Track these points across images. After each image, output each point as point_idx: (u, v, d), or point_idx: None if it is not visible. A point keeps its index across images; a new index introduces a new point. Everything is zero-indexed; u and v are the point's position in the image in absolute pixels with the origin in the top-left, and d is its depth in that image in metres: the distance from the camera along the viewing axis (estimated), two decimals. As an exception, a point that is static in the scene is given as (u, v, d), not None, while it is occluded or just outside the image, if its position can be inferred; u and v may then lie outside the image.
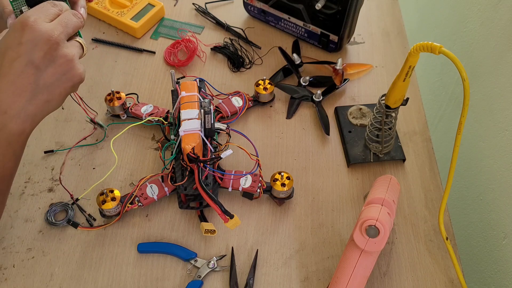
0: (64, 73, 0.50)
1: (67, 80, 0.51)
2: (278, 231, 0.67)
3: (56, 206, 0.66)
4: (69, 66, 0.51)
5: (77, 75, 0.52)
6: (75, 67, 0.51)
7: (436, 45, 0.53)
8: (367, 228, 0.54)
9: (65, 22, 0.51)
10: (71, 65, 0.51)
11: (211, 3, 0.93)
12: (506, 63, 0.71)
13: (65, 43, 0.51)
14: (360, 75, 0.84)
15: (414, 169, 0.73)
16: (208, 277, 0.62)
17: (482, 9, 0.80)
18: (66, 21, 0.51)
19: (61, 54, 0.50)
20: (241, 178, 0.65)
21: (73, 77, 0.51)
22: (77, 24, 0.53)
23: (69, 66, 0.51)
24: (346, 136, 0.75)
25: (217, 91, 0.77)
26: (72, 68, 0.51)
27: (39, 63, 0.48)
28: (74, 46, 0.52)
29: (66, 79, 0.51)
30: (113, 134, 0.74)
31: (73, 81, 0.52)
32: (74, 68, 0.51)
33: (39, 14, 0.49)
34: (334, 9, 0.78)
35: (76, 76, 0.52)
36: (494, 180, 0.74)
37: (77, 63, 0.52)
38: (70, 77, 0.51)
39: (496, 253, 0.73)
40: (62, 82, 0.51)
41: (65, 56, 0.50)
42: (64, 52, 0.50)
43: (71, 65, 0.51)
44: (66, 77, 0.51)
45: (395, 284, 0.63)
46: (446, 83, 0.94)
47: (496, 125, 0.74)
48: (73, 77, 0.51)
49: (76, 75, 0.52)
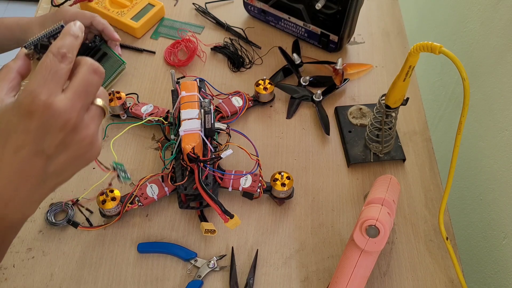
0: (80, 156, 0.41)
1: (83, 162, 0.42)
2: (278, 231, 0.67)
3: (56, 206, 0.66)
4: (87, 148, 0.41)
5: (95, 154, 0.42)
6: (94, 147, 0.41)
7: (436, 45, 0.53)
8: (367, 228, 0.54)
9: (84, 90, 0.40)
10: (90, 147, 0.41)
11: (211, 3, 0.93)
12: (506, 63, 0.71)
13: (84, 122, 0.40)
14: (360, 75, 0.84)
15: (414, 169, 0.73)
16: (208, 277, 0.62)
17: (482, 9, 0.80)
18: (85, 88, 0.40)
19: (79, 138, 0.40)
20: (241, 178, 0.65)
21: (90, 158, 0.42)
22: (99, 84, 0.42)
23: (87, 148, 0.41)
24: (346, 136, 0.75)
25: (217, 91, 0.77)
26: (90, 149, 0.41)
27: (51, 152, 0.39)
28: (95, 119, 0.41)
29: (82, 161, 0.42)
30: (113, 134, 0.74)
31: (89, 161, 0.42)
32: (93, 148, 0.41)
33: (50, 85, 0.38)
34: (334, 9, 0.78)
35: (94, 156, 0.42)
36: (494, 180, 0.74)
37: (96, 140, 0.41)
38: (87, 158, 0.42)
39: (496, 253, 0.73)
40: (77, 165, 0.42)
41: (83, 140, 0.40)
42: (82, 135, 0.40)
43: (89, 147, 0.41)
44: (82, 160, 0.42)
45: (395, 284, 0.63)
46: (446, 83, 0.94)
47: (496, 125, 0.74)
48: (90, 157, 0.42)
49: (94, 155, 0.42)
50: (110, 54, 0.80)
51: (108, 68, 0.80)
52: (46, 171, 0.40)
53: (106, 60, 0.80)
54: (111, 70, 0.80)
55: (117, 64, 0.80)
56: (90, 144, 0.41)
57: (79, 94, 0.39)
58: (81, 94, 0.39)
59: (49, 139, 0.38)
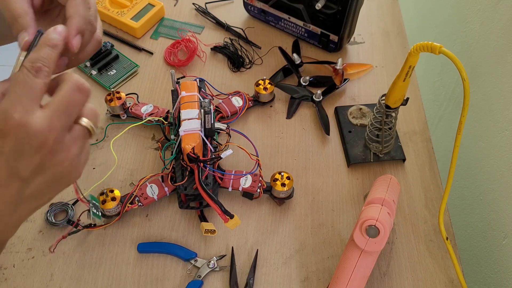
0: (59, 179, 0.38)
1: (62, 185, 0.39)
2: (278, 231, 0.67)
3: (56, 206, 0.66)
4: (66, 171, 0.38)
5: (75, 177, 0.39)
6: (75, 170, 0.38)
7: (436, 45, 0.53)
8: (367, 228, 0.54)
9: (65, 108, 0.36)
10: (69, 169, 0.38)
11: (211, 3, 0.93)
12: (506, 63, 0.71)
13: (64, 143, 0.37)
14: (360, 75, 0.84)
15: (414, 169, 0.73)
16: (208, 277, 0.62)
17: (482, 9, 0.80)
18: (67, 107, 0.36)
19: (58, 161, 0.36)
20: (241, 178, 0.65)
21: (69, 181, 0.39)
22: (83, 103, 0.38)
23: (66, 171, 0.38)
24: (346, 136, 0.75)
25: (217, 91, 0.77)
26: (70, 172, 0.38)
27: (27, 175, 0.36)
28: (77, 140, 0.38)
29: (61, 184, 0.39)
30: (113, 134, 0.74)
31: (69, 184, 0.40)
32: (73, 172, 0.38)
33: (25, 102, 0.34)
34: (334, 9, 0.78)
35: (73, 179, 0.39)
36: (494, 180, 0.74)
37: (77, 163, 0.38)
38: (66, 182, 0.39)
39: (496, 253, 0.73)
40: (55, 188, 0.39)
41: (62, 162, 0.37)
42: (61, 157, 0.37)
43: (68, 169, 0.38)
44: (61, 183, 0.39)
45: (395, 284, 0.63)
46: (446, 83, 0.94)
47: (496, 125, 0.74)
48: (69, 181, 0.39)
49: (74, 178, 0.39)
50: (121, 57, 0.83)
51: (119, 70, 0.81)
52: (22, 194, 0.36)
53: (118, 63, 0.82)
54: (122, 72, 0.81)
55: (130, 67, 0.82)
56: (70, 166, 0.37)
57: (59, 113, 0.36)
58: (61, 113, 0.36)
59: (24, 161, 0.35)
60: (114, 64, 0.82)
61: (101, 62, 0.81)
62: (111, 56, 0.82)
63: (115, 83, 0.80)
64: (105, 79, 0.80)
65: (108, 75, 0.80)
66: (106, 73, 0.81)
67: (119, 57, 0.83)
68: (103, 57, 0.81)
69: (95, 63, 0.81)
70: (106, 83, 0.80)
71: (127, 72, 0.81)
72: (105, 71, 0.81)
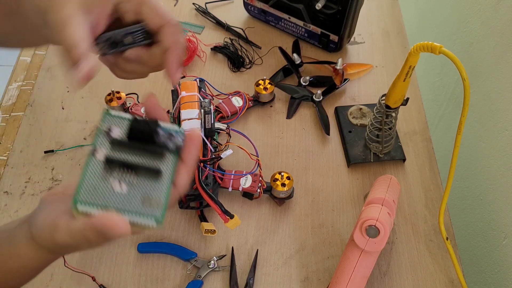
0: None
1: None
2: (278, 231, 0.67)
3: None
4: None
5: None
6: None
7: (436, 45, 0.53)
8: (367, 228, 0.54)
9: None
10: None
11: (211, 3, 0.93)
12: (506, 63, 0.71)
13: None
14: (360, 75, 0.84)
15: (414, 169, 0.73)
16: (208, 277, 0.62)
17: (482, 9, 0.80)
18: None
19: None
20: (241, 178, 0.65)
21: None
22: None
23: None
24: (346, 136, 0.75)
25: (217, 91, 0.76)
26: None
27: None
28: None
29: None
30: (113, 134, 0.74)
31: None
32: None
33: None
34: (334, 9, 0.78)
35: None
36: (494, 180, 0.74)
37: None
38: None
39: (496, 253, 0.73)
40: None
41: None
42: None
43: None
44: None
45: (395, 284, 0.63)
46: (446, 83, 0.94)
47: (496, 125, 0.74)
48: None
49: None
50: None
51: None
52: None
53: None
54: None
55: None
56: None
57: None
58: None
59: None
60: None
61: None
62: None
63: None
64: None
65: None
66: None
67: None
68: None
69: None
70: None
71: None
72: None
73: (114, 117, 0.38)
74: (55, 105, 0.78)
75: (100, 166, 0.36)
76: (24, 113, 0.77)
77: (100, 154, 0.36)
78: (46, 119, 0.76)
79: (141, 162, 0.37)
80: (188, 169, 0.39)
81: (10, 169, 0.71)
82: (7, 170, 0.70)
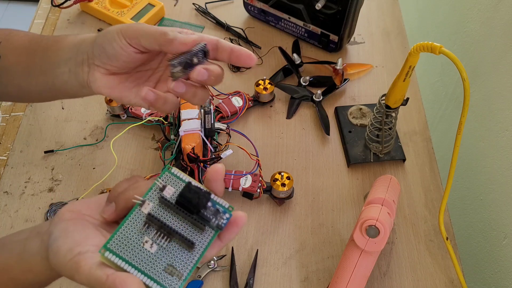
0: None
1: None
2: (278, 231, 0.67)
3: (56, 206, 0.66)
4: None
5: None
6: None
7: (436, 45, 0.53)
8: (367, 228, 0.54)
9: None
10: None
11: (211, 3, 0.93)
12: (506, 63, 0.71)
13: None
14: (360, 75, 0.84)
15: (414, 169, 0.73)
16: (208, 277, 0.62)
17: (482, 9, 0.80)
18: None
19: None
20: (241, 178, 0.65)
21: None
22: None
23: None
24: (346, 136, 0.75)
25: (217, 91, 0.76)
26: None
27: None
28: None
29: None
30: (113, 134, 0.74)
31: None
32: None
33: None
34: (334, 9, 0.78)
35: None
36: (494, 180, 0.74)
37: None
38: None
39: (496, 253, 0.73)
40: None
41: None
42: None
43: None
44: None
45: (395, 284, 0.63)
46: (446, 83, 0.94)
47: (496, 125, 0.74)
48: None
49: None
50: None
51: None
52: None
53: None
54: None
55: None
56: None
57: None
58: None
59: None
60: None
61: None
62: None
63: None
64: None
65: None
66: None
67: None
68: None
69: None
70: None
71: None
72: None
73: (173, 176, 0.38)
74: (55, 105, 0.78)
75: (141, 219, 0.36)
76: (24, 113, 0.77)
77: (145, 207, 0.36)
78: (46, 119, 0.76)
79: (180, 229, 0.36)
80: (221, 246, 0.39)
81: (10, 169, 0.71)
82: (7, 170, 0.70)
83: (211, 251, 0.38)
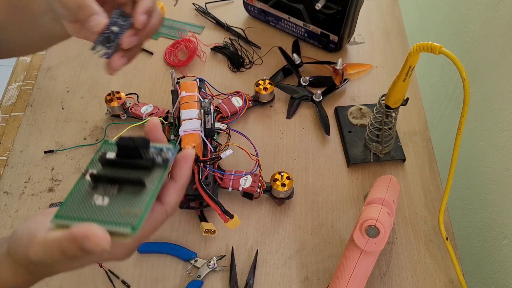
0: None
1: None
2: (278, 231, 0.67)
3: (56, 206, 0.66)
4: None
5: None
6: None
7: (436, 45, 0.53)
8: (367, 228, 0.54)
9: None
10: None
11: (211, 3, 0.93)
12: (506, 63, 0.71)
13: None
14: (360, 75, 0.84)
15: (414, 169, 0.73)
16: (208, 277, 0.62)
17: (482, 9, 0.80)
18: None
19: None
20: (241, 178, 0.65)
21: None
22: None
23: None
24: (346, 136, 0.75)
25: (217, 91, 0.76)
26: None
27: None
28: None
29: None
30: (113, 134, 0.74)
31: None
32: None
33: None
34: (334, 9, 0.78)
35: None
36: (494, 180, 0.74)
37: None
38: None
39: (496, 253, 0.73)
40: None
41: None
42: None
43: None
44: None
45: (395, 284, 0.63)
46: (446, 83, 0.94)
47: (496, 125, 0.74)
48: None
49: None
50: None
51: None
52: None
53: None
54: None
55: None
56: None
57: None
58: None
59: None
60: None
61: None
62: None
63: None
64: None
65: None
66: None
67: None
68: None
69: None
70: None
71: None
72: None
73: (111, 145, 0.38)
74: (55, 105, 0.78)
75: (86, 185, 0.36)
76: (24, 113, 0.77)
77: (89, 174, 0.36)
78: (46, 119, 0.76)
79: (126, 176, 0.36)
80: (178, 188, 0.37)
81: (10, 169, 0.71)
82: (7, 170, 0.70)
83: (170, 195, 0.37)
